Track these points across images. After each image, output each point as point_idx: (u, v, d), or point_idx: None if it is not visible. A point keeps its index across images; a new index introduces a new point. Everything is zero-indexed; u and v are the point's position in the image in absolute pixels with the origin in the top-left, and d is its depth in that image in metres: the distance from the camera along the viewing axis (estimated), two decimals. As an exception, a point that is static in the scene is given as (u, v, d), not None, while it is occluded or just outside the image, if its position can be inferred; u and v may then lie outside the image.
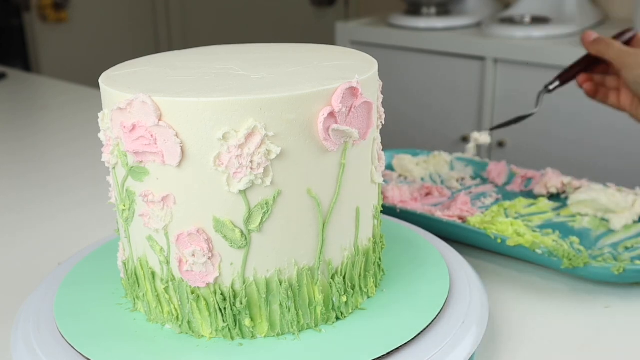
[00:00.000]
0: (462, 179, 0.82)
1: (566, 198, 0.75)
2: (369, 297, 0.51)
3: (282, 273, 0.46)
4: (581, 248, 0.64)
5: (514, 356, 0.52)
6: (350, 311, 0.49)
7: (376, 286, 0.52)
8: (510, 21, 1.65)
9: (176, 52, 0.56)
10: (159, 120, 0.42)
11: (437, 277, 0.53)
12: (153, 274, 0.48)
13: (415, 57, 1.73)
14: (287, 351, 0.45)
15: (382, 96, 0.51)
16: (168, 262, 0.46)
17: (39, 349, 0.47)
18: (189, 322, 0.47)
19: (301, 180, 0.44)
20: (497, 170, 0.81)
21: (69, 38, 2.39)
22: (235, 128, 0.42)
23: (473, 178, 0.82)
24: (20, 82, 1.57)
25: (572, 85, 0.80)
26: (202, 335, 0.47)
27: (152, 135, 0.43)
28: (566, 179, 0.75)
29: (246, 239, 0.44)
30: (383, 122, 0.52)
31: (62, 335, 0.47)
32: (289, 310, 0.46)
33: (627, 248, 0.64)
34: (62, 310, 0.50)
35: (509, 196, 0.77)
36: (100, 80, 0.48)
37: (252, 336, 0.47)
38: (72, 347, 0.46)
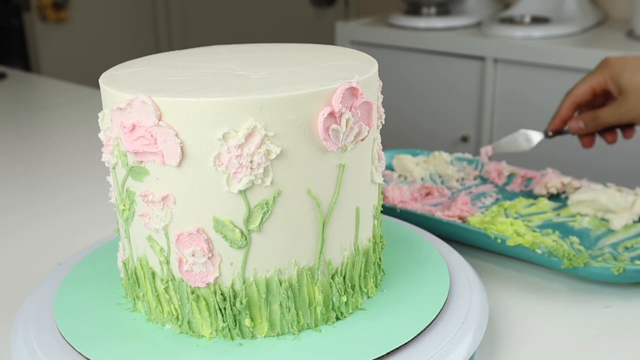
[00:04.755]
0: (462, 179, 0.82)
1: (566, 198, 0.75)
2: (369, 297, 0.51)
3: (282, 273, 0.46)
4: (581, 248, 0.64)
5: (514, 356, 0.52)
6: (350, 311, 0.49)
7: (376, 286, 0.52)
8: (510, 21, 1.65)
9: (176, 52, 0.56)
10: (159, 120, 0.42)
11: (437, 277, 0.53)
12: (153, 274, 0.48)
13: (415, 57, 1.73)
14: (287, 351, 0.45)
15: (382, 96, 0.51)
16: (168, 262, 0.46)
17: (39, 349, 0.47)
18: (189, 322, 0.47)
19: (301, 180, 0.44)
20: (497, 170, 0.81)
21: (69, 38, 2.38)
22: (235, 128, 0.42)
23: (473, 178, 0.82)
24: (20, 82, 1.57)
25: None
26: (202, 335, 0.47)
27: (152, 135, 0.43)
28: (566, 179, 0.75)
29: (246, 239, 0.44)
30: (383, 122, 0.52)
31: (62, 335, 0.47)
32: (289, 310, 0.46)
33: (627, 248, 0.64)
34: (62, 310, 0.50)
35: (509, 196, 0.77)
36: (100, 80, 0.48)
37: (252, 336, 0.47)
38: (72, 347, 0.46)
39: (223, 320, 0.46)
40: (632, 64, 0.73)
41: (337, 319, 0.48)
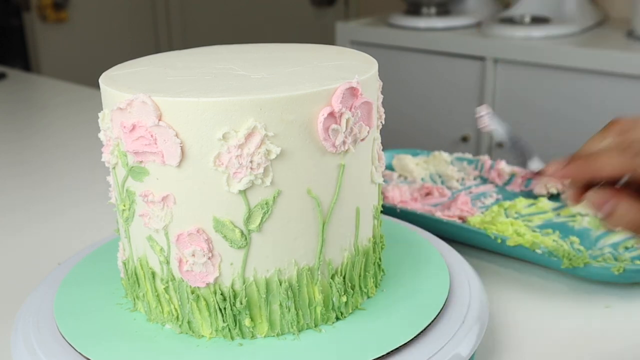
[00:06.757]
0: (462, 179, 0.82)
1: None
2: (369, 297, 0.51)
3: (282, 273, 0.46)
4: (581, 248, 0.64)
5: (514, 356, 0.52)
6: (350, 311, 0.49)
7: (376, 286, 0.52)
8: (510, 21, 1.65)
9: (176, 52, 0.56)
10: (159, 120, 0.42)
11: (437, 277, 0.53)
12: (153, 274, 0.48)
13: (415, 57, 1.73)
14: (287, 351, 0.45)
15: (382, 96, 0.51)
16: (168, 262, 0.46)
17: (39, 349, 0.47)
18: (189, 322, 0.47)
19: (301, 180, 0.44)
20: (497, 170, 0.81)
21: (69, 38, 2.39)
22: (235, 128, 0.42)
23: (473, 178, 0.82)
24: (20, 82, 1.57)
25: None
26: (202, 335, 0.47)
27: (152, 135, 0.43)
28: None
29: (246, 239, 0.44)
30: (383, 122, 0.52)
31: (62, 335, 0.47)
32: (289, 310, 0.46)
33: (627, 248, 0.64)
34: (62, 310, 0.50)
35: (509, 196, 0.77)
36: (100, 80, 0.48)
37: (252, 336, 0.47)
38: (72, 347, 0.46)
39: (223, 320, 0.46)
40: None
41: (337, 319, 0.48)
